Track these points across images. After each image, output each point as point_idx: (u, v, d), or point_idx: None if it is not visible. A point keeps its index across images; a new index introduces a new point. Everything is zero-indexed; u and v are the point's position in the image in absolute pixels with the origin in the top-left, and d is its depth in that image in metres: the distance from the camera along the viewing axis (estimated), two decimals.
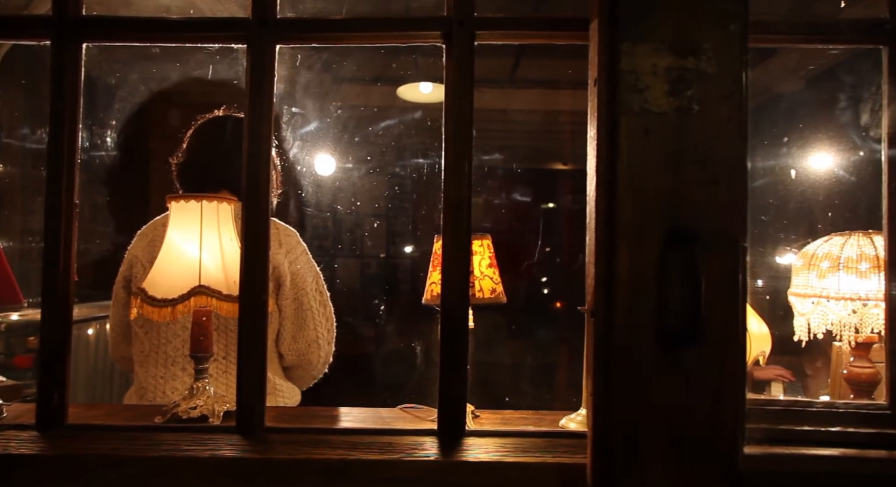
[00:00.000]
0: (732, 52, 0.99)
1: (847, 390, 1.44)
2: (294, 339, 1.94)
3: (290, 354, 1.95)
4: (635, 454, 0.98)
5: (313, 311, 1.95)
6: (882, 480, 0.99)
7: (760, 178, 4.13)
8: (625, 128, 0.99)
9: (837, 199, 3.54)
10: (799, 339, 1.43)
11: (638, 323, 0.98)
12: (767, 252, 3.03)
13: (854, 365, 1.41)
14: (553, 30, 1.20)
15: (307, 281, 1.94)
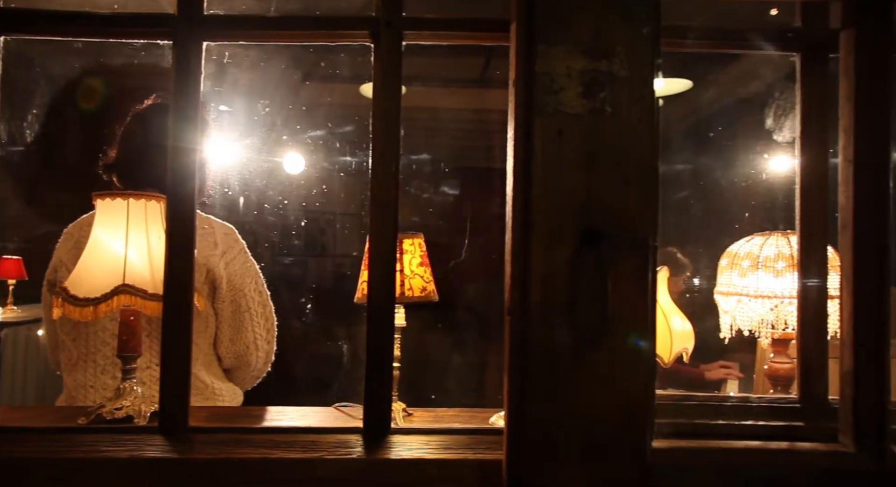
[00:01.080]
0: (644, 56, 1.01)
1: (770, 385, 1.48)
2: (232, 341, 1.91)
3: (229, 356, 1.93)
4: (548, 450, 1.00)
5: (251, 312, 1.92)
6: (784, 470, 1.03)
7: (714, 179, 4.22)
8: (539, 128, 1.01)
9: (788, 200, 3.64)
10: (724, 337, 1.47)
11: (551, 322, 1.00)
12: (713, 252, 3.12)
13: (774, 360, 1.46)
14: (479, 31, 1.21)
15: (245, 281, 1.91)
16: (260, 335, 1.96)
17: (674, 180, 4.32)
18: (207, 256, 1.83)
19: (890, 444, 1.02)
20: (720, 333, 1.47)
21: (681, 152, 4.39)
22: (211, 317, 1.87)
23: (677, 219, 4.25)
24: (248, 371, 1.99)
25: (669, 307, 1.42)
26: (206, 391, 1.86)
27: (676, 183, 4.33)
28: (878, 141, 1.04)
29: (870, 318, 1.03)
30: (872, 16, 1.04)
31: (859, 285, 1.03)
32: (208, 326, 1.86)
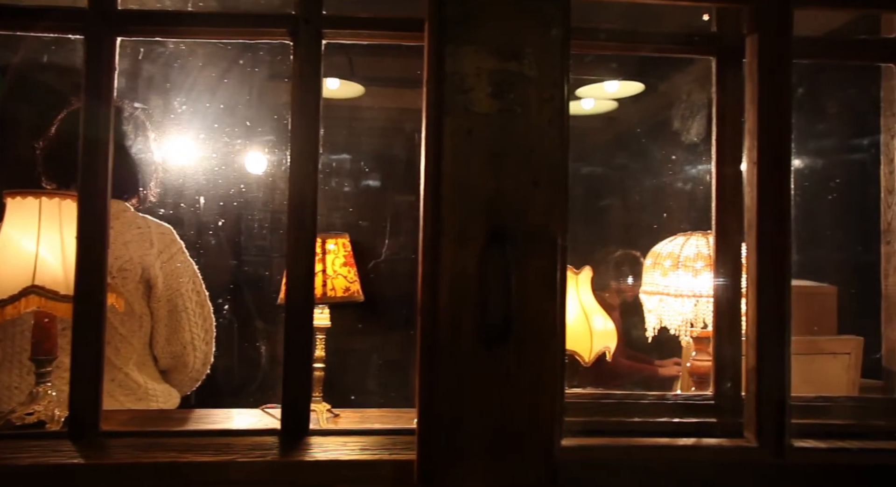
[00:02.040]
0: (554, 57, 1.02)
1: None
2: (168, 342, 1.88)
3: (165, 357, 1.90)
4: (457, 449, 1.00)
5: (188, 312, 1.90)
6: (689, 466, 1.05)
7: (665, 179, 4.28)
8: (449, 128, 1.01)
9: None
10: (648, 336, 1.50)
11: (460, 321, 1.00)
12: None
13: (696, 358, 1.50)
14: (399, 30, 1.21)
15: (182, 281, 1.89)
16: (197, 335, 1.93)
17: (635, 182, 4.39)
18: (142, 255, 1.80)
19: (789, 438, 1.05)
20: (645, 332, 1.50)
21: (643, 153, 4.45)
22: (146, 317, 1.84)
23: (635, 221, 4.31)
24: (186, 372, 1.96)
25: (592, 306, 1.44)
26: (138, 391, 1.83)
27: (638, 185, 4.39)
28: (779, 143, 1.06)
29: (771, 316, 1.05)
30: (775, 22, 1.07)
31: (761, 284, 1.06)
32: (142, 325, 1.84)
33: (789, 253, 1.06)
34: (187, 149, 2.50)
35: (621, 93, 4.31)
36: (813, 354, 1.65)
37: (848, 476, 1.05)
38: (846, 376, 1.64)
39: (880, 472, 1.06)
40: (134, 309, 1.80)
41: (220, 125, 2.57)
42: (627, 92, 4.30)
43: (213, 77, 2.60)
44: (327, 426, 1.32)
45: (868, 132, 2.72)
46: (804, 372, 1.64)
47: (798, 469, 1.04)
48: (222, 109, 2.49)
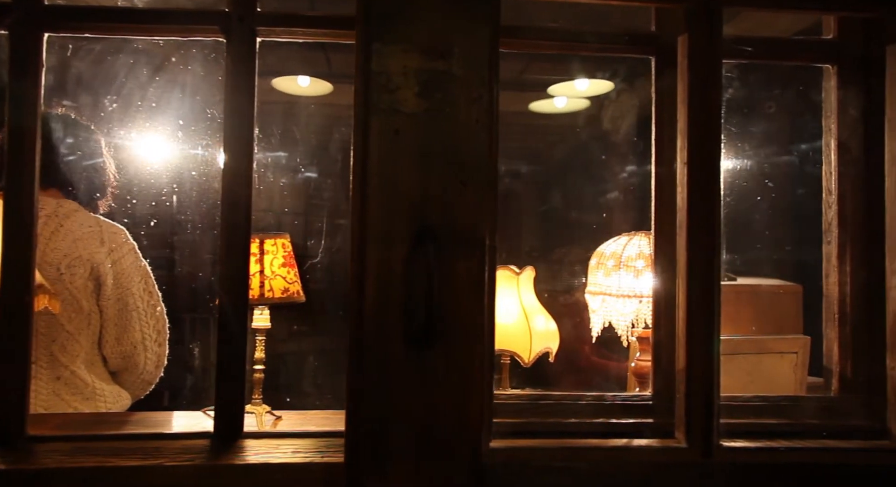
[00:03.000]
0: (482, 56, 1.02)
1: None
2: (118, 341, 1.86)
3: (114, 357, 1.88)
4: (383, 451, 0.99)
5: (139, 312, 1.88)
6: (619, 467, 1.04)
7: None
8: (376, 127, 1.00)
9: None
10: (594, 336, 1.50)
11: (386, 323, 0.99)
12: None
13: (639, 358, 1.50)
14: (333, 28, 1.20)
15: (133, 280, 1.87)
16: (149, 335, 1.91)
17: (612, 179, 4.40)
18: (92, 252, 1.79)
19: (718, 438, 1.05)
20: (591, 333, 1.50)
21: (612, 152, 4.47)
22: (94, 315, 1.82)
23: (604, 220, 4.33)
24: (137, 373, 1.94)
25: (534, 307, 1.43)
26: (85, 390, 1.81)
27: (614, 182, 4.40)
28: (708, 143, 1.07)
29: (700, 315, 1.06)
30: (704, 22, 1.07)
31: (690, 283, 1.06)
32: (90, 324, 1.82)
33: (718, 252, 1.06)
34: (136, 148, 2.47)
35: (592, 91, 4.33)
36: (760, 353, 1.66)
37: (776, 475, 1.06)
38: (793, 375, 1.66)
39: (807, 470, 1.06)
40: (82, 306, 1.78)
41: (159, 123, 2.54)
42: (598, 90, 4.32)
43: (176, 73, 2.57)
44: (267, 428, 1.30)
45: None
46: (751, 371, 1.66)
47: (726, 469, 1.05)
48: (170, 107, 2.47)
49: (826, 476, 1.07)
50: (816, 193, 2.76)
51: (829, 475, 1.07)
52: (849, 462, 1.08)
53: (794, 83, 2.83)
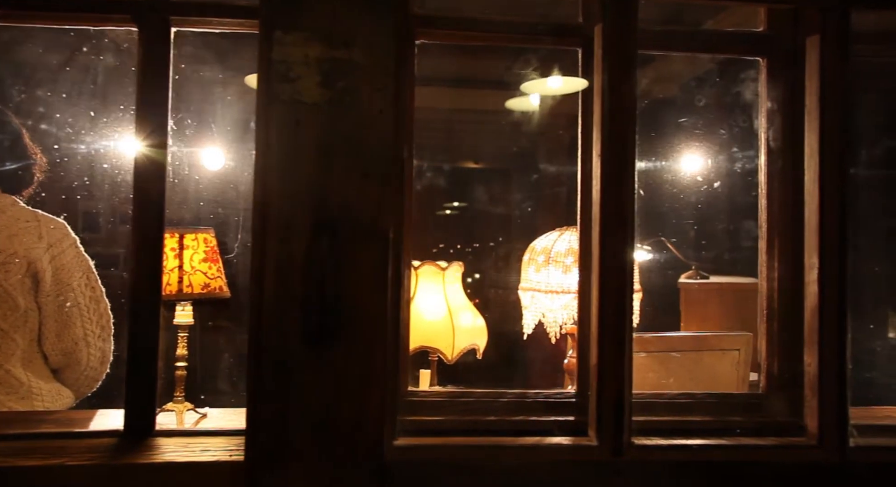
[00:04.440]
0: (386, 45, 0.99)
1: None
2: (58, 338, 1.83)
3: (55, 354, 1.84)
4: (283, 449, 0.97)
5: (80, 308, 1.84)
6: (528, 466, 1.03)
7: None
8: (277, 118, 0.98)
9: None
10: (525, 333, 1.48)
11: (286, 318, 0.97)
12: None
13: (572, 356, 1.48)
14: (246, 17, 1.17)
15: (74, 276, 1.83)
16: (91, 331, 1.87)
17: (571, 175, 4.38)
18: (29, 248, 1.75)
19: (629, 436, 1.03)
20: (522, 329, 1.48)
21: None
22: (32, 312, 1.78)
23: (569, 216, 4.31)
24: (79, 370, 1.90)
25: (459, 303, 1.41)
26: (20, 389, 1.77)
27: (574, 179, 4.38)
28: (622, 135, 1.05)
29: (612, 312, 1.04)
30: (619, 11, 1.05)
31: (603, 279, 1.04)
32: (27, 321, 1.78)
33: (631, 246, 1.04)
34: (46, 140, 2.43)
35: (566, 88, 4.31)
36: (701, 351, 1.65)
37: (688, 473, 1.04)
38: (736, 373, 1.65)
39: (720, 468, 1.05)
40: (18, 303, 1.75)
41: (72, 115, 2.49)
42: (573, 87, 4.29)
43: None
44: (189, 426, 1.27)
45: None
46: (692, 369, 1.64)
47: (637, 467, 1.03)
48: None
49: (739, 473, 1.05)
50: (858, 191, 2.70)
51: (742, 473, 1.06)
52: (764, 460, 1.07)
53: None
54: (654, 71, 4.05)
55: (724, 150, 3.56)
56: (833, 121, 1.08)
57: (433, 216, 4.20)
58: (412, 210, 1.17)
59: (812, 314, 1.10)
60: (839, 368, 1.06)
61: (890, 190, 2.55)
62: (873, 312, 2.47)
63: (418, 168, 2.89)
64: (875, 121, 2.48)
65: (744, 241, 3.67)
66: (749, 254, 3.48)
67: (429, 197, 3.95)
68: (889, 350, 2.36)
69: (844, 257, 1.08)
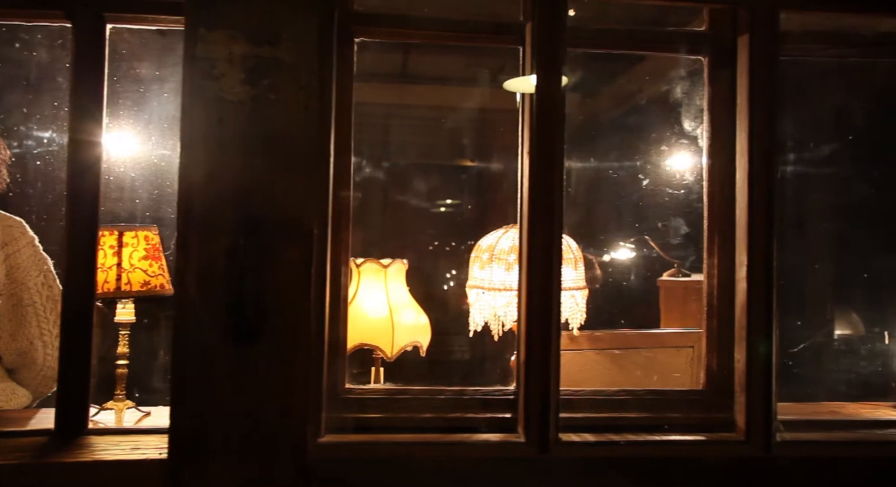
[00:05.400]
0: (311, 43, 0.99)
1: None
2: (12, 337, 1.81)
3: (9, 353, 1.83)
4: (205, 449, 0.96)
5: (36, 307, 1.83)
6: (455, 462, 1.03)
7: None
8: (200, 116, 0.97)
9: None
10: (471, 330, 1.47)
11: (209, 316, 0.96)
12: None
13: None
14: (179, 14, 1.16)
15: (30, 274, 1.82)
16: (48, 331, 1.86)
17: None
18: None
19: (555, 432, 1.03)
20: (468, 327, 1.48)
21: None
22: None
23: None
24: (36, 369, 1.89)
25: (402, 301, 1.41)
26: None
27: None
28: (550, 133, 1.05)
29: (539, 310, 1.04)
30: (544, 10, 1.05)
31: (530, 276, 1.05)
32: None
33: (558, 244, 1.04)
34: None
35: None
36: (655, 348, 1.66)
37: (614, 469, 1.05)
38: (689, 369, 1.65)
39: (646, 464, 1.05)
40: None
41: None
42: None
43: None
44: (129, 425, 1.27)
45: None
46: (646, 366, 1.65)
47: (563, 464, 1.03)
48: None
49: (668, 469, 1.06)
50: (792, 189, 2.72)
51: (671, 469, 1.06)
52: (693, 456, 1.07)
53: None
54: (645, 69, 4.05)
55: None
56: (761, 120, 1.08)
57: (428, 214, 4.18)
58: (350, 207, 1.17)
59: (741, 310, 1.11)
60: (766, 364, 1.07)
61: (838, 189, 2.56)
62: (823, 309, 2.48)
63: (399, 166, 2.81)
64: (823, 122, 2.49)
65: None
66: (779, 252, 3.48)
67: (410, 194, 3.93)
68: (837, 346, 2.37)
69: (772, 254, 1.08)
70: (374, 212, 3.20)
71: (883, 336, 1.98)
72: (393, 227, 3.11)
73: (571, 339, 1.55)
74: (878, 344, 1.99)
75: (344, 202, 1.14)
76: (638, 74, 3.93)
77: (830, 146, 2.39)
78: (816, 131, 2.39)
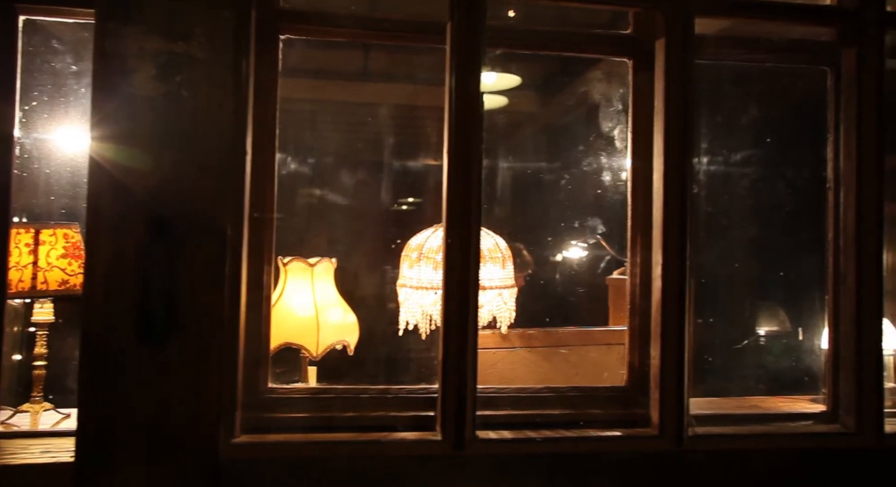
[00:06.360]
0: (226, 40, 0.98)
1: None
2: None
3: None
4: (113, 450, 0.95)
5: None
6: (369, 461, 1.03)
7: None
8: (110, 111, 0.95)
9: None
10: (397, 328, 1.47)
11: (118, 317, 0.95)
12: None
13: None
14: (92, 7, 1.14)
15: None
16: None
17: (520, 179, 4.40)
18: None
19: (472, 430, 1.04)
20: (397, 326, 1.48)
21: (528, 152, 4.47)
22: None
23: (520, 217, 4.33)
24: None
25: (329, 299, 1.41)
26: None
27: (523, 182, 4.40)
28: (468, 133, 1.06)
29: (456, 308, 1.05)
30: (464, 10, 1.06)
31: (448, 275, 1.05)
32: None
33: (475, 243, 1.05)
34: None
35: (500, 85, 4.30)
36: (587, 345, 1.69)
37: (530, 465, 1.06)
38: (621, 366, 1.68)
39: (564, 460, 1.07)
40: None
41: None
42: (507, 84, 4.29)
43: None
44: (46, 427, 1.23)
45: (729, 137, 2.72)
46: (577, 363, 1.68)
47: (480, 461, 1.05)
48: None
49: (583, 465, 1.08)
50: (712, 190, 2.76)
51: (586, 464, 1.08)
52: (607, 451, 1.09)
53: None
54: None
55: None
56: (676, 122, 1.11)
57: (367, 212, 4.16)
58: (274, 205, 1.16)
59: (657, 309, 1.14)
60: (678, 361, 1.10)
61: (757, 190, 2.63)
62: (744, 307, 2.54)
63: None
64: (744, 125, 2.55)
65: (699, 240, 3.74)
66: (700, 252, 3.55)
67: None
68: (760, 342, 2.44)
69: (685, 254, 1.11)
70: (302, 210, 3.15)
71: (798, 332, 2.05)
72: (327, 226, 3.08)
73: (504, 337, 1.56)
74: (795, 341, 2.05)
75: (267, 200, 1.13)
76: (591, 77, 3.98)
77: (750, 148, 2.46)
78: (736, 134, 2.45)
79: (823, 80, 1.33)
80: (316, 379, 1.44)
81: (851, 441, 1.15)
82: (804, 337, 1.97)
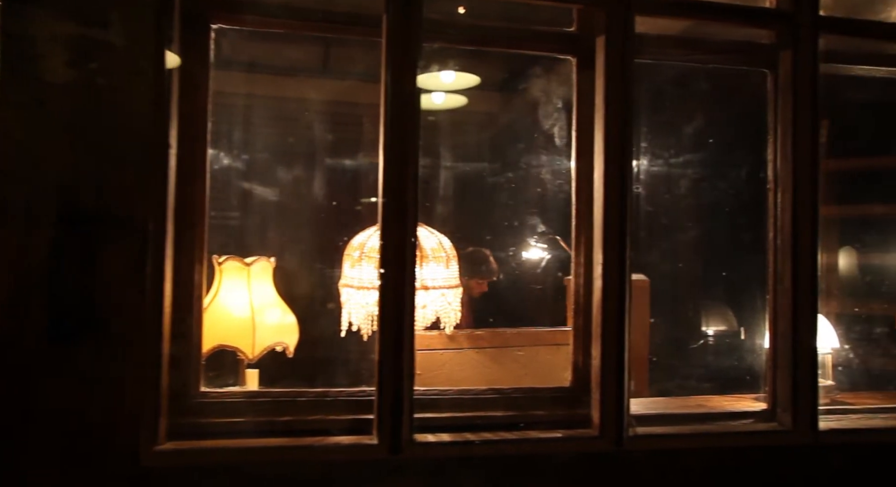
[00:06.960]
0: (146, 27, 0.93)
1: None
2: None
3: None
4: (23, 459, 0.89)
5: None
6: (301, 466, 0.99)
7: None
8: (16, 97, 0.89)
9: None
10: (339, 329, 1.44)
11: (28, 316, 0.89)
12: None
13: None
14: None
15: None
16: None
17: (475, 181, 4.39)
18: None
19: (409, 433, 1.02)
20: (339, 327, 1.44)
21: (487, 155, 4.46)
22: None
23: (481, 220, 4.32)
24: None
25: (267, 300, 1.37)
26: None
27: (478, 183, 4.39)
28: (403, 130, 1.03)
29: (392, 306, 1.02)
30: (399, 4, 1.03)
31: (385, 274, 1.02)
32: None
33: (409, 243, 1.02)
34: None
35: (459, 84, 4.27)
36: (536, 345, 1.68)
37: (468, 468, 1.04)
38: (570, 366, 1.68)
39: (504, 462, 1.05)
40: None
41: None
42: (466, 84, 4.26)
43: None
44: None
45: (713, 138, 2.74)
46: (526, 364, 1.66)
47: (417, 465, 1.02)
48: None
49: (524, 467, 1.06)
50: (656, 190, 2.79)
51: (526, 466, 1.06)
52: (547, 452, 1.08)
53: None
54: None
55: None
56: (615, 120, 1.10)
57: (313, 210, 4.07)
58: (205, 201, 1.11)
59: (598, 309, 1.13)
60: (619, 361, 1.09)
61: (700, 190, 2.67)
62: (689, 307, 2.59)
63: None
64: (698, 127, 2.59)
65: (643, 240, 3.78)
66: (645, 252, 3.60)
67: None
68: (706, 342, 2.48)
69: (625, 253, 1.10)
70: (241, 208, 3.08)
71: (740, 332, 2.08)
72: (267, 224, 3.02)
73: (451, 338, 1.54)
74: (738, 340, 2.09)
75: (197, 195, 1.08)
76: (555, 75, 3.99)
77: (694, 149, 2.50)
78: (680, 134, 2.49)
79: (765, 82, 1.35)
80: (258, 382, 1.39)
81: (787, 438, 1.16)
82: (746, 337, 2.01)
